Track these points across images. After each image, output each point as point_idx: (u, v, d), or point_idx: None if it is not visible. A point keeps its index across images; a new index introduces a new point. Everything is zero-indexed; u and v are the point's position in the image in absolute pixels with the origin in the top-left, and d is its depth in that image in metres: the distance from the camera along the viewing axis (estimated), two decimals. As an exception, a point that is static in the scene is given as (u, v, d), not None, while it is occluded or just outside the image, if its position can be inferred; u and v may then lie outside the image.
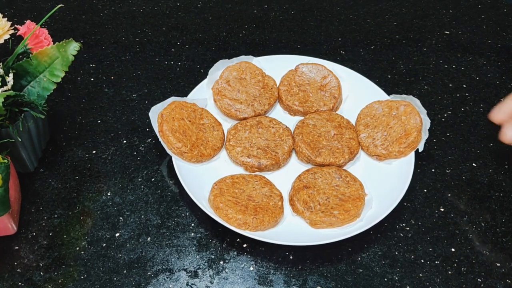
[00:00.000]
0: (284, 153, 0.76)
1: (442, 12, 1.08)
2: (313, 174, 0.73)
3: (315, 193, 0.70)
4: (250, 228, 0.66)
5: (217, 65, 0.85)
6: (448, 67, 0.95)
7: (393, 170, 0.75)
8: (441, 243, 0.69)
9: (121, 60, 0.94)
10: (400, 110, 0.78)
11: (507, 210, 0.73)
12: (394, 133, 0.77)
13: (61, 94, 0.87)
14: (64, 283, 0.64)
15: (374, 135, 0.78)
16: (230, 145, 0.76)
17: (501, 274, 0.66)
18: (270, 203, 0.69)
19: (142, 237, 0.69)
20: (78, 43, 0.69)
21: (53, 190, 0.73)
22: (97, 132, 0.81)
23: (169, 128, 0.75)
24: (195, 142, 0.75)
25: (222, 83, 0.83)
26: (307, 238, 0.66)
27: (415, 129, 0.76)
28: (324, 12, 1.07)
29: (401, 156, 0.75)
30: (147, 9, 1.06)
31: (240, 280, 0.65)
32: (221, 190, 0.70)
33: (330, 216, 0.68)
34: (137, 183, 0.75)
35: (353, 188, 0.71)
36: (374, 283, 0.65)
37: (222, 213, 0.67)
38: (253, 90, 0.83)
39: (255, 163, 0.74)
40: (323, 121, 0.80)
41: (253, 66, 0.86)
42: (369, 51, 0.98)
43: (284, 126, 0.79)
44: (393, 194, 0.71)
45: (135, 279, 0.64)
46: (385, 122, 0.78)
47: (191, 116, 0.78)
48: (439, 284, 0.65)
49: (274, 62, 0.88)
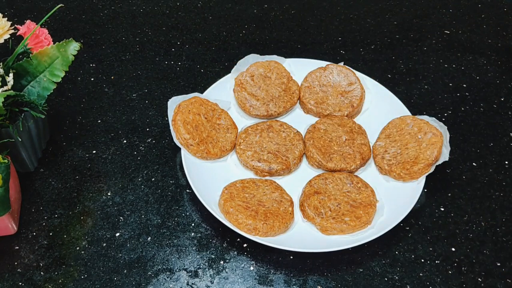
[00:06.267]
0: (295, 158, 0.75)
1: (442, 12, 1.08)
2: (324, 180, 0.72)
3: (326, 199, 0.70)
4: (260, 234, 0.66)
5: (247, 58, 0.85)
6: (448, 66, 0.95)
7: None
8: (441, 243, 0.69)
9: (121, 60, 0.94)
10: (427, 136, 0.74)
11: (507, 209, 0.73)
12: (406, 155, 0.74)
13: (61, 94, 0.87)
14: (65, 283, 0.64)
15: (389, 148, 0.76)
16: (241, 149, 0.76)
17: (501, 274, 0.66)
18: (281, 208, 0.69)
19: (142, 237, 0.69)
20: (78, 43, 0.69)
21: (53, 190, 0.73)
22: (97, 132, 0.81)
23: (181, 119, 0.75)
24: (204, 139, 0.75)
25: (247, 76, 0.84)
26: (317, 244, 0.66)
27: (424, 161, 0.72)
28: (324, 12, 1.07)
29: (399, 179, 0.73)
30: (147, 9, 1.06)
31: (240, 280, 0.65)
32: (231, 195, 0.69)
33: (341, 223, 0.67)
34: (137, 183, 0.75)
35: (365, 194, 0.71)
36: (374, 283, 0.65)
37: (232, 218, 0.67)
38: (273, 91, 0.83)
39: (265, 168, 0.74)
40: (335, 126, 0.79)
41: (281, 68, 0.86)
42: (369, 51, 0.98)
43: (295, 131, 0.79)
44: (404, 201, 0.70)
45: (135, 279, 0.64)
46: (406, 141, 0.76)
47: (209, 114, 0.78)
48: (439, 283, 0.65)
49: (307, 65, 0.87)
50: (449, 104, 0.88)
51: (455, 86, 0.91)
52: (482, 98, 0.89)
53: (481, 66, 0.95)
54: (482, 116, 0.86)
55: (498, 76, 0.94)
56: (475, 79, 0.93)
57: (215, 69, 0.93)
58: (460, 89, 0.91)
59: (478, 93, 0.90)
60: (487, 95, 0.90)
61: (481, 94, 0.90)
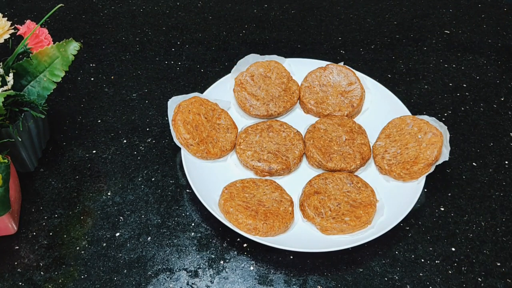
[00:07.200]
0: (295, 157, 0.75)
1: (442, 12, 1.08)
2: (324, 180, 0.72)
3: (326, 199, 0.70)
4: (260, 234, 0.66)
5: (247, 58, 0.85)
6: (448, 66, 0.95)
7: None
8: (441, 243, 0.69)
9: (121, 60, 0.94)
10: (427, 136, 0.74)
11: (507, 209, 0.73)
12: (406, 155, 0.74)
13: (61, 94, 0.87)
14: (65, 282, 0.64)
15: (389, 148, 0.76)
16: (241, 148, 0.76)
17: (501, 274, 0.66)
18: (281, 208, 0.69)
19: (142, 237, 0.69)
20: (78, 43, 0.69)
21: (53, 190, 0.73)
22: (97, 132, 0.81)
23: (181, 119, 0.75)
24: (204, 139, 0.75)
25: (247, 76, 0.84)
26: (317, 244, 0.66)
27: (424, 161, 0.72)
28: (324, 12, 1.07)
29: (399, 179, 0.73)
30: (147, 9, 1.06)
31: (240, 280, 0.65)
32: (231, 195, 0.69)
33: (341, 223, 0.67)
34: (137, 182, 0.75)
35: (365, 194, 0.71)
36: (374, 283, 0.65)
37: (232, 217, 0.67)
38: (273, 90, 0.83)
39: (265, 168, 0.74)
40: (335, 126, 0.79)
41: (281, 67, 0.86)
42: (369, 51, 0.98)
43: (295, 131, 0.79)
44: (404, 201, 0.70)
45: (135, 278, 0.64)
46: (406, 141, 0.76)
47: (209, 114, 0.78)
48: (439, 283, 0.65)
49: (307, 65, 0.87)
50: (449, 104, 0.88)
51: (455, 86, 0.91)
52: (482, 98, 0.89)
53: (481, 66, 0.95)
54: (482, 116, 0.86)
55: (498, 76, 0.94)
56: (475, 79, 0.93)
57: (215, 69, 0.93)
58: (460, 89, 0.91)
59: (478, 93, 0.90)
60: (487, 95, 0.90)
61: (481, 94, 0.90)
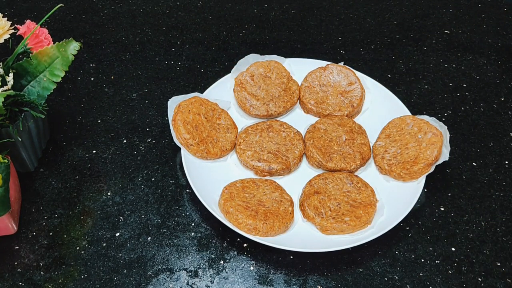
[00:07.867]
0: (295, 157, 0.75)
1: (442, 12, 1.08)
2: (324, 180, 0.72)
3: (326, 199, 0.70)
4: (260, 234, 0.66)
5: (247, 58, 0.85)
6: (448, 66, 0.95)
7: None
8: (441, 243, 0.69)
9: (121, 60, 0.94)
10: (427, 136, 0.74)
11: (507, 209, 0.73)
12: (406, 155, 0.74)
13: (61, 94, 0.87)
14: (65, 282, 0.64)
15: (389, 148, 0.76)
16: (241, 148, 0.76)
17: (501, 274, 0.66)
18: (281, 208, 0.69)
19: (142, 237, 0.69)
20: (78, 42, 0.69)
21: (53, 190, 0.73)
22: (97, 132, 0.81)
23: (181, 119, 0.75)
24: (204, 139, 0.75)
25: (247, 76, 0.84)
26: (317, 244, 0.66)
27: (424, 161, 0.72)
28: (324, 12, 1.07)
29: (399, 179, 0.73)
30: (147, 9, 1.06)
31: (240, 280, 0.65)
32: (231, 195, 0.69)
33: (341, 223, 0.67)
34: (137, 182, 0.75)
35: (365, 194, 0.71)
36: (374, 283, 0.65)
37: (232, 217, 0.67)
38: (273, 90, 0.83)
39: (265, 168, 0.74)
40: (335, 125, 0.79)
41: (281, 67, 0.86)
42: (369, 51, 0.98)
43: (295, 131, 0.79)
44: (404, 201, 0.70)
45: (135, 278, 0.64)
46: (406, 141, 0.75)
47: (209, 114, 0.78)
48: (439, 283, 0.65)
49: (307, 65, 0.87)
50: (449, 104, 0.88)
51: (455, 86, 0.91)
52: (482, 98, 0.89)
53: (481, 66, 0.95)
54: (482, 116, 0.86)
55: (498, 76, 0.94)
56: (475, 79, 0.93)
57: (215, 69, 0.93)
58: (460, 89, 0.91)
59: (478, 93, 0.90)
60: (487, 95, 0.90)
61: (481, 94, 0.90)
